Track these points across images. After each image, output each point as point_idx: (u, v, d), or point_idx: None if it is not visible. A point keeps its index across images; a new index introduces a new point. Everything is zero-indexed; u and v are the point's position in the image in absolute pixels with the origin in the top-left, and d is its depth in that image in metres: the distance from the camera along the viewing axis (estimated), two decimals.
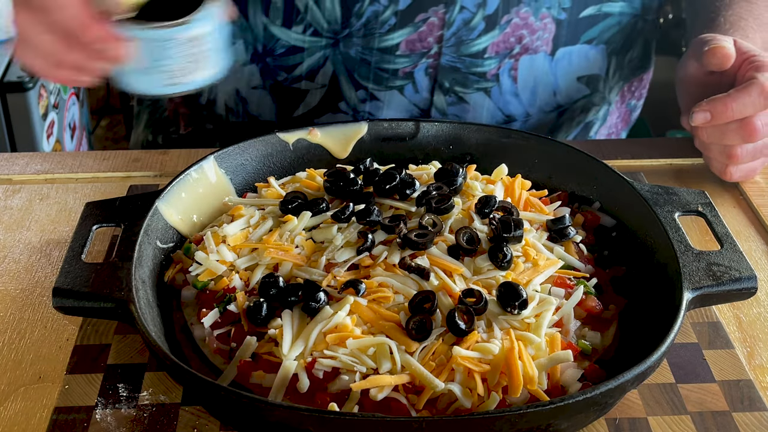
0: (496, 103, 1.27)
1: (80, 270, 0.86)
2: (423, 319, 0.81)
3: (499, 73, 1.25)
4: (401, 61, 1.21)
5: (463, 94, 1.25)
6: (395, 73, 1.23)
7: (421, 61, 1.21)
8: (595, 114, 1.39)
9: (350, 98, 1.24)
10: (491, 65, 1.24)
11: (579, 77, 1.32)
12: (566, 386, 0.80)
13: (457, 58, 1.22)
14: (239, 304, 0.86)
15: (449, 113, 1.27)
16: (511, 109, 1.29)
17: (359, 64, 1.21)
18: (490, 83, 1.26)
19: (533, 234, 0.94)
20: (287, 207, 0.96)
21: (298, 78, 1.24)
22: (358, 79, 1.22)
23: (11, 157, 1.24)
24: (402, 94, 1.24)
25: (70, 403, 0.84)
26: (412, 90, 1.24)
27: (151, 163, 1.22)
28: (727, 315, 0.96)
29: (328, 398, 0.77)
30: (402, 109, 1.26)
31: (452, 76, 1.24)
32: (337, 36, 1.19)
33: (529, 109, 1.30)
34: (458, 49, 1.21)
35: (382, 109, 1.26)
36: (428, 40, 1.20)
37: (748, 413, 0.83)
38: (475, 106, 1.27)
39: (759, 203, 1.13)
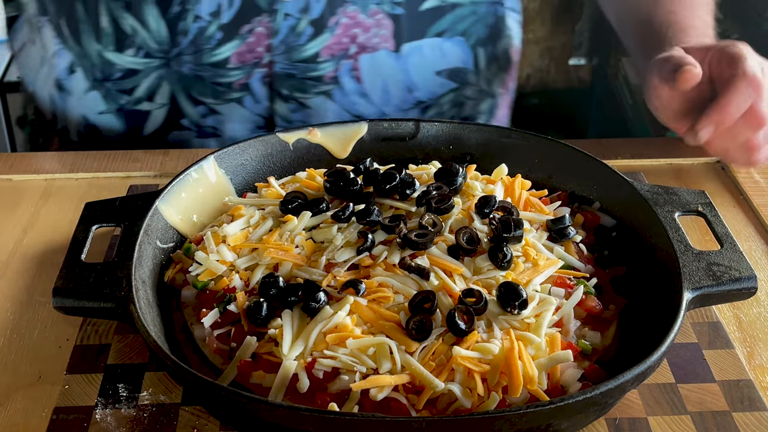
0: (340, 105, 1.27)
1: (80, 270, 0.86)
2: (423, 319, 0.81)
3: (338, 75, 1.25)
4: (234, 74, 1.23)
5: (304, 99, 1.26)
6: (230, 86, 1.24)
7: (255, 71, 1.23)
8: (474, 108, 1.37)
9: (191, 115, 1.26)
10: (327, 68, 1.24)
11: (438, 71, 1.31)
12: (566, 386, 0.80)
13: (290, 65, 1.23)
14: (239, 304, 0.86)
15: (294, 119, 1.28)
16: (359, 109, 1.29)
17: (194, 81, 1.23)
18: (329, 86, 1.26)
19: (533, 234, 0.94)
20: (287, 207, 0.96)
21: (140, 100, 1.27)
22: (195, 96, 1.24)
23: (11, 157, 1.24)
24: (242, 106, 1.26)
25: (70, 403, 0.84)
26: (252, 101, 1.25)
27: (151, 163, 1.22)
28: (727, 315, 0.96)
29: (328, 398, 0.77)
30: (245, 120, 1.27)
31: (289, 82, 1.25)
32: (168, 55, 1.22)
33: (383, 108, 1.30)
34: (289, 56, 1.22)
35: (224, 122, 1.27)
36: (258, 50, 1.21)
37: (748, 413, 0.83)
38: (318, 110, 1.27)
39: (759, 203, 1.13)
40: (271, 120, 1.27)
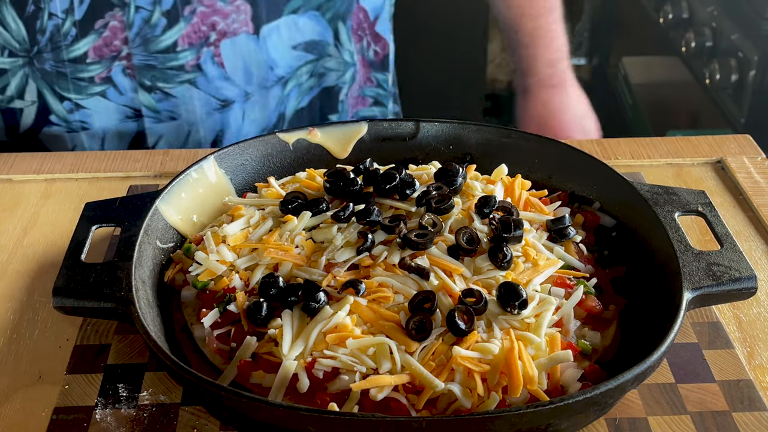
0: (206, 92, 1.30)
1: (80, 270, 0.86)
2: (423, 319, 0.81)
3: (201, 63, 1.27)
4: (94, 68, 1.25)
5: (168, 89, 1.28)
6: (92, 80, 1.26)
7: (114, 64, 1.25)
8: (338, 79, 1.40)
9: (58, 111, 1.29)
10: (188, 57, 1.26)
11: (294, 45, 1.33)
12: (566, 386, 0.80)
13: (149, 56, 1.25)
14: (239, 304, 0.86)
15: (161, 110, 1.29)
16: (224, 93, 1.31)
17: (57, 77, 1.26)
18: (192, 74, 1.28)
19: (533, 234, 0.94)
20: (287, 207, 0.96)
21: (11, 98, 1.30)
22: (60, 92, 1.26)
23: (11, 157, 1.24)
24: (107, 99, 1.28)
25: (70, 403, 0.84)
26: (116, 93, 1.27)
27: (151, 163, 1.22)
28: (727, 315, 0.96)
29: (328, 398, 0.77)
30: (112, 112, 1.29)
31: (150, 73, 1.26)
32: (30, 54, 1.24)
33: (246, 88, 1.32)
34: (147, 48, 1.24)
35: (91, 116, 1.29)
36: (115, 44, 1.23)
37: (748, 413, 0.83)
38: (183, 99, 1.29)
39: (759, 203, 1.13)
40: (138, 111, 1.29)
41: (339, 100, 1.43)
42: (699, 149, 1.26)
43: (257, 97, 1.34)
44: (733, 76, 2.34)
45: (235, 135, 1.35)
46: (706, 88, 2.47)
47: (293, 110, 1.39)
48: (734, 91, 2.35)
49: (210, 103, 1.31)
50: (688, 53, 2.56)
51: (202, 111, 1.31)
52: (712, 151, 1.25)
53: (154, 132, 1.31)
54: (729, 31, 2.36)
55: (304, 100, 1.39)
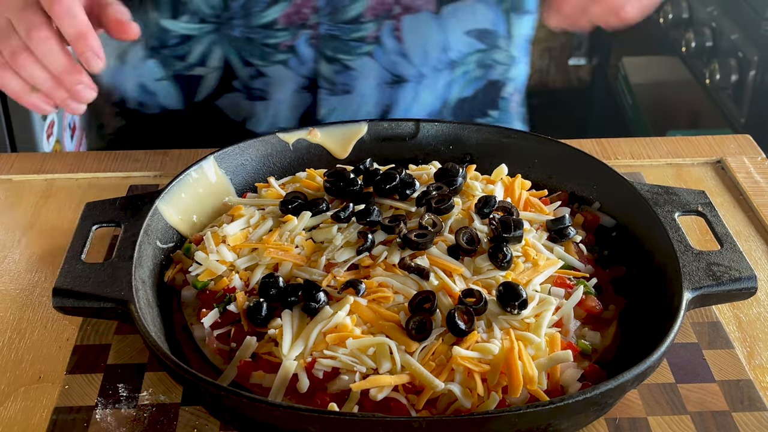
0: (382, 65, 1.30)
1: (80, 270, 0.86)
2: (423, 319, 0.81)
3: (380, 35, 1.28)
4: (282, 35, 1.26)
5: (348, 61, 1.28)
6: (277, 47, 1.27)
7: (301, 32, 1.26)
8: (503, 74, 1.39)
9: (242, 76, 1.30)
10: (370, 28, 1.26)
11: (467, 31, 1.32)
12: (566, 386, 0.80)
13: (335, 26, 1.25)
14: (239, 304, 0.86)
15: (338, 82, 1.30)
16: (400, 69, 1.31)
17: (245, 43, 1.27)
18: (371, 46, 1.28)
19: (533, 234, 0.94)
20: (287, 207, 0.96)
21: (193, 65, 1.31)
22: (246, 57, 1.28)
23: (11, 157, 1.24)
24: (287, 68, 1.29)
25: (70, 403, 0.84)
26: (297, 62, 1.28)
27: (151, 163, 1.22)
28: (727, 315, 0.96)
29: (328, 398, 0.77)
30: (291, 82, 1.30)
31: (333, 44, 1.27)
32: (220, 20, 1.25)
33: (421, 69, 1.32)
34: (334, 17, 1.25)
35: (271, 84, 1.30)
36: (304, 11, 1.24)
37: (748, 413, 0.83)
38: (362, 71, 1.30)
39: (759, 203, 1.13)
40: (314, 81, 1.30)
41: (501, 96, 1.41)
42: (699, 149, 1.26)
43: (430, 79, 1.34)
44: (733, 76, 2.35)
45: (402, 113, 1.35)
46: (706, 88, 2.47)
47: (456, 98, 1.37)
48: (734, 91, 2.36)
49: (383, 76, 1.31)
50: (688, 53, 2.56)
51: (374, 83, 1.31)
52: (712, 151, 1.25)
53: (327, 104, 1.32)
54: (729, 31, 2.36)
55: (468, 90, 1.38)
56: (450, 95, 1.36)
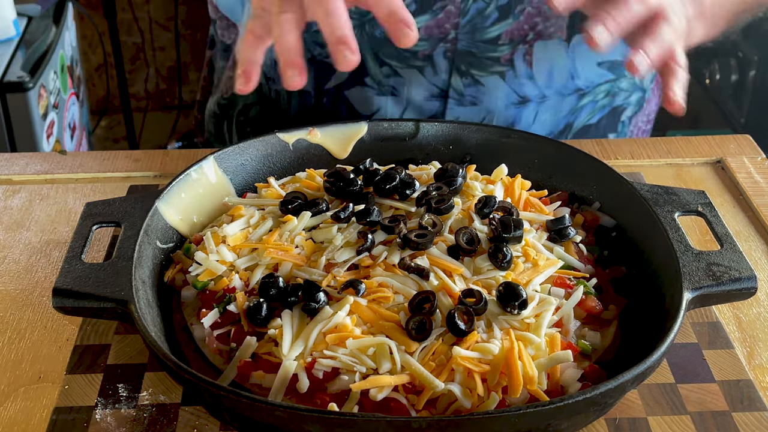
0: (510, 86, 1.33)
1: (80, 270, 0.86)
2: (423, 319, 0.81)
3: (513, 58, 1.30)
4: (421, 45, 1.29)
5: (479, 77, 1.31)
6: (416, 55, 1.30)
7: (439, 45, 1.29)
8: (625, 99, 1.41)
9: (375, 74, 1.33)
10: (505, 51, 1.29)
11: (599, 63, 1.35)
12: (566, 386, 0.80)
13: (473, 44, 1.28)
14: (239, 304, 0.86)
15: (466, 94, 1.33)
16: (525, 90, 1.34)
17: (384, 43, 1.29)
18: (504, 67, 1.31)
19: (533, 234, 0.94)
20: (287, 207, 0.96)
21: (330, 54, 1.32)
22: (382, 57, 1.31)
23: (11, 157, 1.24)
24: (422, 75, 1.32)
25: (70, 403, 0.84)
26: (432, 72, 1.31)
27: (151, 163, 1.22)
28: (727, 315, 0.96)
29: (328, 398, 0.77)
30: (422, 88, 1.33)
31: (468, 60, 1.30)
32: (363, 18, 1.28)
33: (545, 91, 1.34)
34: (473, 36, 1.28)
35: (404, 85, 1.33)
36: (446, 26, 1.27)
37: (748, 413, 0.83)
38: (490, 88, 1.33)
39: (759, 203, 1.13)
40: (446, 92, 1.34)
41: (620, 120, 1.44)
42: (699, 149, 1.26)
43: (552, 101, 1.36)
44: (733, 76, 2.35)
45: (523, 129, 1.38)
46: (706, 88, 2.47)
47: (582, 124, 1.40)
48: (734, 91, 2.36)
49: (510, 97, 1.34)
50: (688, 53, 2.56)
51: (502, 103, 1.34)
52: (712, 151, 1.25)
53: (452, 113, 1.35)
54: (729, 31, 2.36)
55: (595, 117, 1.41)
56: (576, 121, 1.39)
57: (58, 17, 2.52)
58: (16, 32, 2.33)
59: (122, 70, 3.28)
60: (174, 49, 3.67)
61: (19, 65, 2.23)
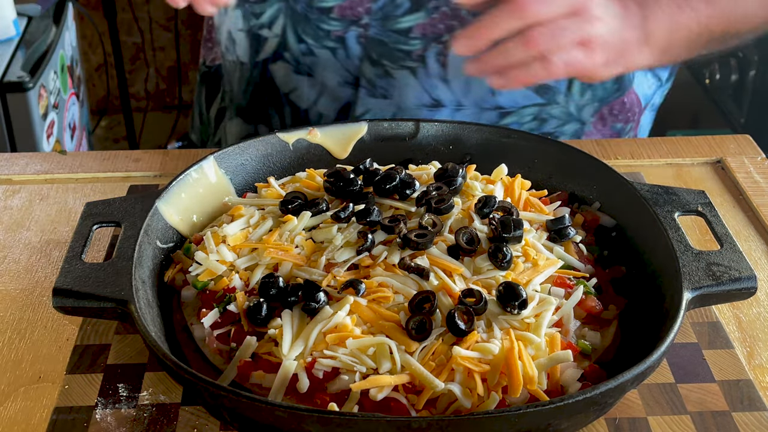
0: (422, 85, 1.30)
1: (80, 270, 0.86)
2: (423, 319, 0.81)
3: (426, 55, 1.28)
4: (334, 24, 1.29)
5: (390, 68, 1.30)
6: (329, 34, 1.30)
7: (351, 28, 1.28)
8: (557, 127, 1.38)
9: (294, 50, 1.33)
10: (416, 45, 1.27)
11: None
12: (566, 386, 0.80)
13: (383, 32, 1.27)
14: (239, 304, 0.86)
15: (378, 85, 1.32)
16: (438, 93, 1.31)
17: (303, 20, 1.30)
18: (415, 63, 1.29)
19: (533, 234, 0.94)
20: (287, 207, 0.96)
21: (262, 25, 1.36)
22: (300, 34, 1.32)
23: (11, 157, 1.24)
24: (335, 57, 1.31)
25: (70, 403, 0.84)
26: (344, 55, 1.31)
27: (151, 163, 1.22)
28: (727, 315, 0.96)
29: (328, 398, 0.77)
30: (335, 72, 1.33)
31: (380, 49, 1.29)
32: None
33: (461, 99, 1.32)
34: (384, 24, 1.26)
35: (318, 65, 1.33)
36: (358, 10, 1.27)
37: (748, 413, 0.83)
38: (401, 83, 1.31)
39: (759, 203, 1.13)
40: (357, 79, 1.33)
41: None
42: (699, 149, 1.26)
43: (470, 112, 1.34)
44: (733, 76, 2.34)
45: None
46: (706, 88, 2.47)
47: None
48: (734, 91, 2.35)
49: (422, 98, 1.32)
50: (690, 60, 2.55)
51: (413, 101, 1.33)
52: (712, 151, 1.25)
53: (364, 104, 1.34)
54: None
55: None
56: None
57: (58, 17, 2.52)
58: (16, 32, 2.33)
59: (122, 70, 3.28)
60: (174, 49, 3.67)
61: (19, 65, 2.23)
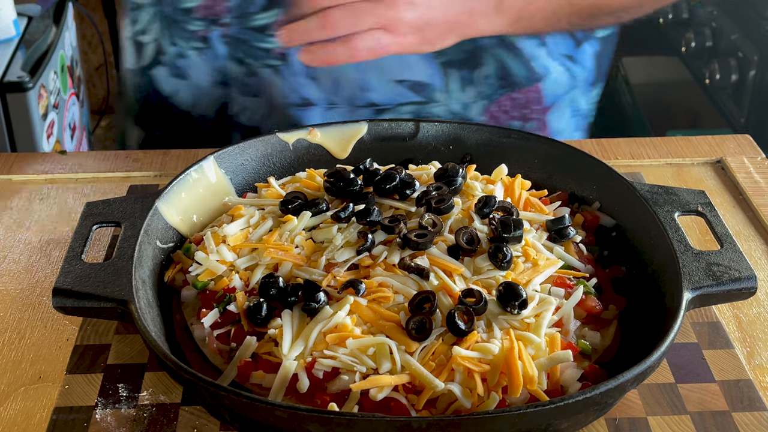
0: (287, 83, 1.30)
1: (80, 270, 0.86)
2: (423, 319, 0.81)
3: (287, 53, 1.27)
4: (198, 24, 1.28)
5: (255, 67, 1.29)
6: (194, 34, 1.30)
7: (214, 27, 1.28)
8: None
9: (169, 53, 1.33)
10: (275, 43, 1.27)
11: (399, 80, 1.30)
12: (566, 386, 0.80)
13: (243, 30, 1.27)
14: (239, 304, 0.86)
15: (246, 84, 1.32)
16: (307, 92, 1.30)
17: (171, 23, 1.30)
18: (277, 61, 1.28)
19: (533, 234, 0.94)
20: (287, 207, 0.96)
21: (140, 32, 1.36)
22: (171, 37, 1.31)
23: (11, 157, 1.24)
24: (204, 57, 1.31)
25: (70, 403, 0.84)
26: (212, 55, 1.30)
27: (151, 163, 1.22)
28: (727, 315, 0.96)
29: (328, 398, 0.77)
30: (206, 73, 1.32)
31: (242, 47, 1.28)
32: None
33: (332, 97, 1.31)
34: (242, 22, 1.26)
35: (191, 68, 1.33)
36: (218, 9, 1.26)
37: (748, 413, 0.83)
38: (266, 81, 1.30)
39: (759, 203, 1.13)
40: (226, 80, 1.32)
41: None
42: (699, 149, 1.26)
43: (343, 110, 1.33)
44: (733, 76, 2.34)
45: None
46: (706, 88, 2.47)
47: None
48: (734, 91, 2.35)
49: (290, 97, 1.31)
50: (688, 53, 2.56)
51: (281, 101, 1.31)
52: (711, 151, 1.25)
53: (238, 102, 1.33)
54: (729, 31, 2.36)
55: None
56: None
57: (58, 17, 2.52)
58: (16, 32, 2.33)
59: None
60: None
61: (19, 65, 2.23)
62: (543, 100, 1.38)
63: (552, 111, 1.41)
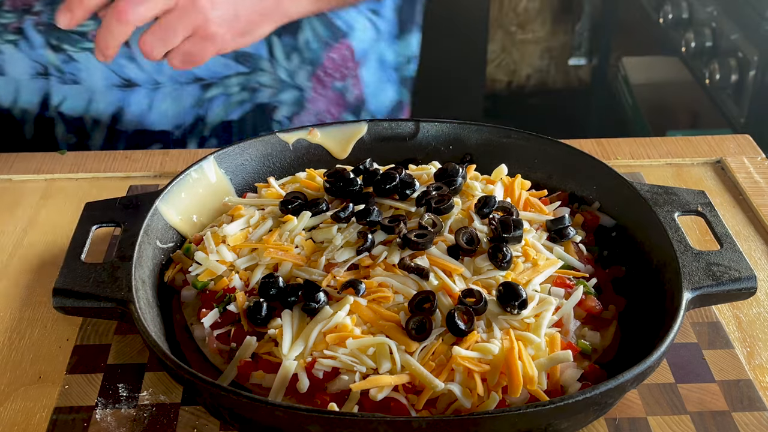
0: (108, 66, 1.29)
1: (80, 270, 0.86)
2: (423, 319, 0.81)
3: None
4: (8, 16, 1.27)
5: (72, 52, 1.29)
6: (6, 28, 1.28)
7: (26, 17, 1.27)
8: (273, 97, 1.37)
9: None
10: (90, 26, 1.26)
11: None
12: (566, 386, 0.80)
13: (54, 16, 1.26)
14: (239, 304, 0.86)
15: (66, 71, 1.31)
16: (129, 73, 1.31)
17: None
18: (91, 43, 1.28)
19: (533, 234, 0.94)
20: (287, 207, 0.96)
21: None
22: None
23: (11, 157, 1.24)
24: (19, 49, 1.30)
25: (70, 403, 0.84)
26: (27, 46, 1.29)
27: (151, 163, 1.22)
28: (727, 315, 0.96)
29: (328, 398, 0.77)
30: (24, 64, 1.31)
31: (57, 34, 1.28)
32: None
33: (155, 77, 1.31)
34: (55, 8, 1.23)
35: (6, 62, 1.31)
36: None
37: (748, 413, 0.83)
38: (86, 65, 1.30)
39: (759, 203, 1.13)
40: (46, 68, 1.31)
41: (274, 119, 1.39)
42: (699, 149, 1.26)
43: (170, 89, 1.32)
44: (733, 76, 2.34)
45: (137, 119, 1.34)
46: (706, 88, 2.47)
47: (219, 120, 1.36)
48: (734, 91, 2.35)
49: (111, 78, 1.31)
50: (688, 53, 2.56)
51: (102, 83, 1.31)
52: (711, 151, 1.25)
53: (59, 92, 1.32)
54: (729, 31, 2.36)
55: (234, 113, 1.36)
56: (210, 115, 1.35)
57: None
58: None
59: None
60: None
61: None
62: (355, 55, 1.41)
63: (362, 65, 1.44)
